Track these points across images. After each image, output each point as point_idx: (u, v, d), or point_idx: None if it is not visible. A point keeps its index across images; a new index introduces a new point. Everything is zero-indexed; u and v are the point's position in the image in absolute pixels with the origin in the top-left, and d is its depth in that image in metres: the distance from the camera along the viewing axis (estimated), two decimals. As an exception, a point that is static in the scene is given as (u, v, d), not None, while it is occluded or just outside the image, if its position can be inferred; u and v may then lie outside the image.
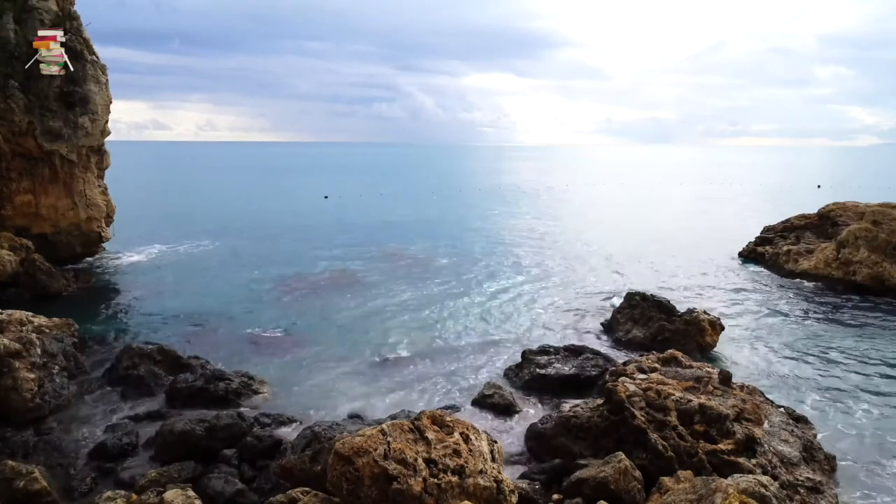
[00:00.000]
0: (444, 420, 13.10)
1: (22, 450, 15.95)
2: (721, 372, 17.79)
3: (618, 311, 27.27)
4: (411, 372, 22.58)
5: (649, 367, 18.44)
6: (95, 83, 36.70)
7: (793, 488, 13.62)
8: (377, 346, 25.17)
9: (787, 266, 37.27)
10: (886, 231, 34.04)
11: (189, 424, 16.36)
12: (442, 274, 38.19)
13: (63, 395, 19.13)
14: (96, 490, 14.43)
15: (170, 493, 12.79)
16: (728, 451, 14.30)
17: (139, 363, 21.01)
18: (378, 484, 11.41)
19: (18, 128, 33.87)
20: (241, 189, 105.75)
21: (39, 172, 35.54)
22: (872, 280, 32.96)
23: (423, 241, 50.14)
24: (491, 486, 11.97)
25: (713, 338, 24.48)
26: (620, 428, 15.40)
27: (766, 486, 11.47)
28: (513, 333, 27.02)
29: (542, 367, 21.34)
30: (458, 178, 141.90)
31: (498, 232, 56.08)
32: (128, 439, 16.71)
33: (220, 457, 15.83)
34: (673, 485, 12.90)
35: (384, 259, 42.79)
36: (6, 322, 19.99)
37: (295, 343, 25.50)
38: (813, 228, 40.31)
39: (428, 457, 11.95)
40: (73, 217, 37.17)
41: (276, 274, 37.92)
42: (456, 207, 76.49)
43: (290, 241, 49.90)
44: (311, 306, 30.91)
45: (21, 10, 34.78)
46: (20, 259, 32.07)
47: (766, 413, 16.32)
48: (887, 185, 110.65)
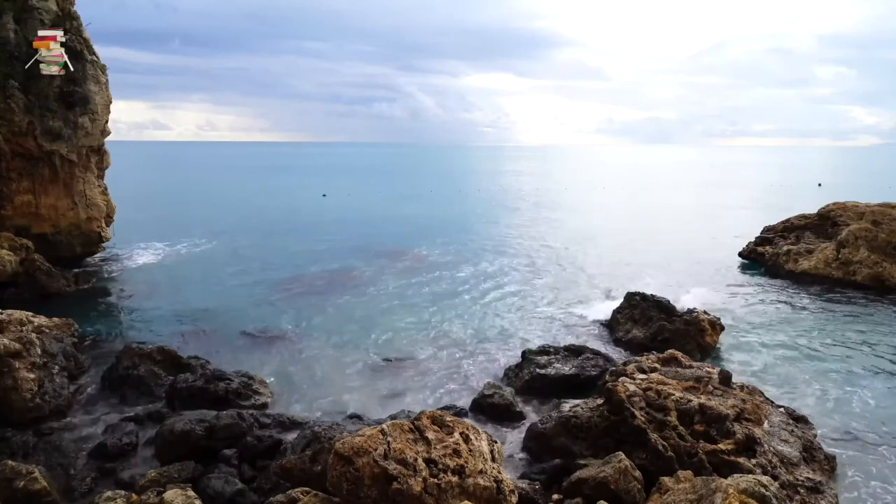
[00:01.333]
0: (444, 420, 13.09)
1: (22, 450, 15.95)
2: (721, 372, 17.79)
3: (618, 311, 27.27)
4: (411, 372, 22.58)
5: (649, 367, 18.44)
6: (95, 83, 36.71)
7: (793, 488, 13.62)
8: (377, 345, 25.17)
9: (787, 266, 37.27)
10: (886, 231, 34.04)
11: (189, 424, 16.35)
12: (442, 273, 38.19)
13: (63, 395, 19.13)
14: (96, 490, 14.41)
15: (170, 493, 12.79)
16: (728, 451, 14.30)
17: (139, 363, 21.00)
18: (378, 484, 11.41)
19: (18, 128, 33.86)
20: (242, 189, 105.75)
21: (39, 172, 35.53)
22: (872, 280, 32.96)
23: (423, 240, 50.14)
24: (491, 486, 11.97)
25: (713, 338, 24.49)
26: (620, 428, 15.39)
27: (766, 486, 11.47)
28: (513, 333, 27.02)
29: (542, 367, 21.33)
30: (458, 178, 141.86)
31: (498, 232, 56.07)
32: (128, 439, 16.71)
33: (220, 457, 15.81)
34: (673, 485, 12.90)
35: (384, 259, 42.79)
36: (6, 322, 19.98)
37: (295, 343, 25.51)
38: (813, 228, 40.28)
39: (428, 457, 11.95)
40: (73, 217, 37.16)
41: (276, 274, 37.94)
42: (456, 207, 76.49)
43: (290, 240, 49.90)
44: (311, 306, 30.92)
45: (21, 10, 34.76)
46: (20, 259, 32.06)
47: (766, 413, 16.32)
48: (887, 185, 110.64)
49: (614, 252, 45.53)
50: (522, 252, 45.86)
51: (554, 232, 56.31)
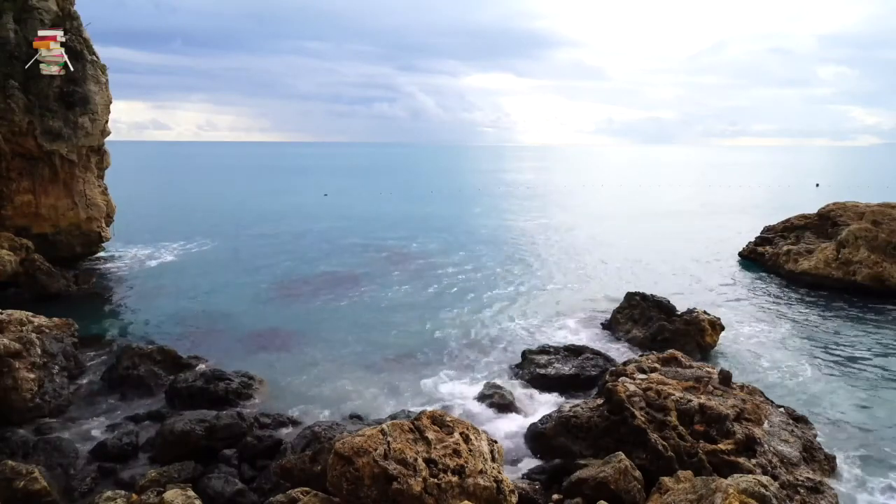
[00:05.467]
0: (444, 420, 13.10)
1: (22, 450, 15.93)
2: (721, 372, 17.79)
3: (618, 311, 27.28)
4: (411, 372, 22.57)
5: (649, 367, 18.44)
6: (95, 83, 36.71)
7: (793, 488, 13.62)
8: (377, 345, 25.17)
9: (787, 266, 37.26)
10: (886, 231, 34.03)
11: (189, 424, 16.35)
12: (442, 273, 38.19)
13: (63, 395, 19.14)
14: (96, 490, 14.41)
15: (170, 493, 12.80)
16: (728, 451, 14.30)
17: (139, 363, 21.02)
18: (378, 484, 11.41)
19: (18, 128, 33.87)
20: (242, 189, 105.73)
21: (39, 172, 35.53)
22: (872, 280, 32.94)
23: (423, 240, 50.15)
24: (491, 486, 11.96)
25: (713, 338, 24.49)
26: (620, 428, 15.40)
27: (766, 486, 11.46)
28: (513, 333, 27.02)
29: (543, 367, 21.35)
30: (459, 177, 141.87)
31: (498, 232, 56.06)
32: (128, 439, 16.71)
33: (220, 457, 15.83)
34: (673, 485, 12.90)
35: (384, 258, 42.80)
36: (6, 322, 19.98)
37: (295, 343, 25.50)
38: (813, 228, 40.26)
39: (428, 457, 11.95)
40: (73, 217, 37.17)
41: (276, 273, 37.95)
42: (456, 207, 76.46)
43: (290, 240, 49.91)
44: (311, 306, 30.93)
45: (21, 10, 34.76)
46: (20, 259, 32.08)
47: (766, 413, 16.32)
48: (887, 185, 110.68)
49: (614, 252, 45.53)
50: (523, 252, 45.84)
51: (554, 232, 56.30)
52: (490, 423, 18.25)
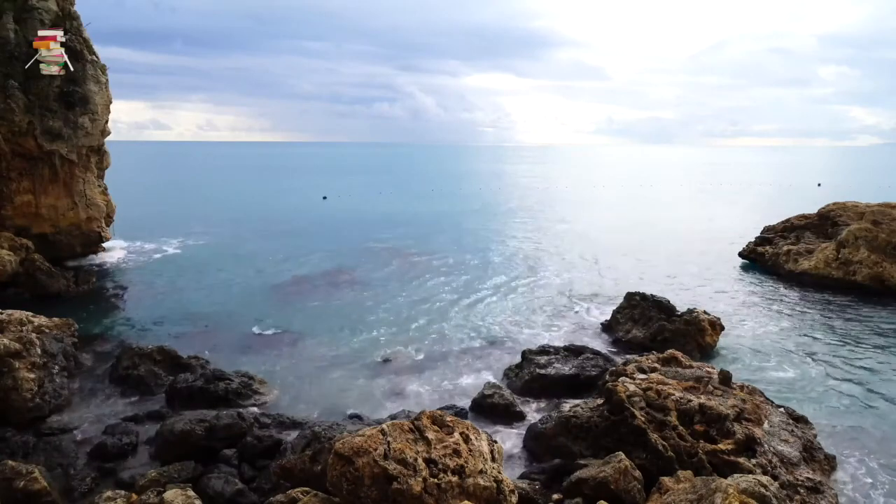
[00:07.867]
0: (444, 420, 13.09)
1: (22, 450, 15.95)
2: (721, 372, 17.78)
3: (618, 311, 27.27)
4: (411, 372, 22.58)
5: (649, 367, 18.44)
6: (95, 83, 36.72)
7: (793, 488, 13.62)
8: (377, 346, 25.17)
9: (787, 266, 37.26)
10: (886, 231, 34.03)
11: (189, 424, 16.35)
12: (442, 273, 38.19)
13: (63, 395, 19.14)
14: (96, 490, 14.43)
15: (170, 493, 12.80)
16: (728, 451, 14.30)
17: (139, 363, 21.02)
18: (378, 484, 11.41)
19: (18, 128, 33.88)
20: (242, 189, 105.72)
21: (39, 172, 35.55)
22: (872, 280, 32.95)
23: (422, 240, 50.15)
24: (491, 486, 11.96)
25: (713, 338, 24.49)
26: (620, 428, 15.39)
27: (766, 486, 11.46)
28: (512, 333, 27.02)
29: (542, 367, 21.33)
30: (459, 177, 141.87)
31: (498, 232, 56.08)
32: (128, 439, 16.72)
33: (220, 457, 15.83)
34: (673, 485, 12.90)
35: (384, 259, 42.78)
36: (6, 322, 19.99)
37: (295, 343, 25.51)
38: (813, 228, 40.27)
39: (428, 457, 11.95)
40: (73, 217, 37.18)
41: (276, 274, 37.94)
42: (456, 207, 76.46)
43: (290, 240, 49.89)
44: (311, 306, 30.93)
45: (21, 10, 34.77)
46: (20, 259, 32.08)
47: (766, 413, 16.32)
48: (887, 185, 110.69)
49: (614, 252, 45.52)
50: (523, 252, 45.86)
51: (554, 232, 56.32)
52: (490, 423, 18.27)
